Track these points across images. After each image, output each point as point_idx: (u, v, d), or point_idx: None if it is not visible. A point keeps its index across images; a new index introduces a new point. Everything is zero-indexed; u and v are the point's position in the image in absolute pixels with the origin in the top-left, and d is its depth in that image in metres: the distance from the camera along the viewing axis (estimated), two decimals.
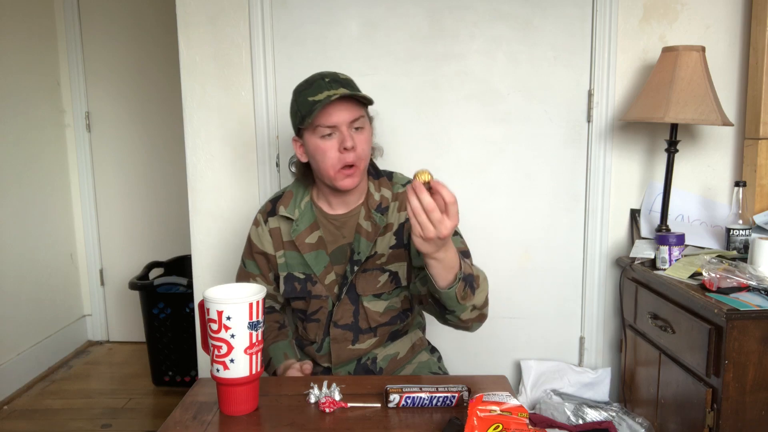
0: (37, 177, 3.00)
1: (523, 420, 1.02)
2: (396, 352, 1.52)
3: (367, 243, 1.43)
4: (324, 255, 1.46)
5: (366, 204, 1.46)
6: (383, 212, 1.45)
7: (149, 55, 3.21)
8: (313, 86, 1.36)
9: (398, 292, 1.46)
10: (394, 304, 1.47)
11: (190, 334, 2.66)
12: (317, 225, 1.47)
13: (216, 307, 1.11)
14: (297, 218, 1.47)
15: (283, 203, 1.49)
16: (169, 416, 1.17)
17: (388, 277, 1.45)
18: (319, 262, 1.46)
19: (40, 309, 2.99)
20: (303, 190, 1.50)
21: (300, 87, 1.41)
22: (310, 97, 1.35)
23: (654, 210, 2.05)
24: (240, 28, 2.03)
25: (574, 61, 2.04)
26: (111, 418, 2.54)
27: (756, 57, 1.93)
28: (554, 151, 2.09)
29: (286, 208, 1.48)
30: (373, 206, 1.45)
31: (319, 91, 1.34)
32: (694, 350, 1.55)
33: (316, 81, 1.37)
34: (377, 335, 1.49)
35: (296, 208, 1.48)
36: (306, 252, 1.46)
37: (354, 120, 1.36)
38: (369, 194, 1.47)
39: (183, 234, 2.50)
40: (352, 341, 1.48)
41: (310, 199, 1.49)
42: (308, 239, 1.46)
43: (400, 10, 2.03)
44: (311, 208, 1.48)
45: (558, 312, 2.16)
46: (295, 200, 1.49)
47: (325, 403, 1.17)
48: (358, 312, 1.46)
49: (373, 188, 1.47)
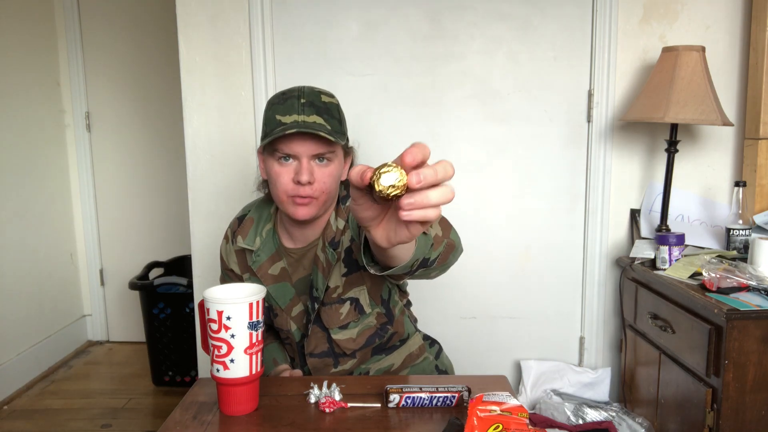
0: (37, 177, 3.00)
1: (523, 420, 1.02)
2: (390, 364, 1.44)
3: (323, 278, 1.30)
4: (289, 287, 1.35)
5: (323, 236, 1.31)
6: (336, 247, 1.29)
7: (149, 55, 3.21)
8: (286, 104, 1.21)
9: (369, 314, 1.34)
10: (367, 324, 1.35)
11: (190, 334, 2.66)
12: (280, 255, 1.35)
13: (216, 307, 1.11)
14: (257, 248, 1.35)
15: (241, 233, 1.36)
16: (169, 416, 1.17)
17: (350, 306, 1.33)
18: (284, 294, 1.35)
19: (40, 309, 2.99)
20: (266, 216, 1.37)
21: (274, 99, 1.26)
22: (278, 116, 1.20)
23: (654, 210, 2.05)
24: (240, 28, 2.03)
25: (574, 61, 2.04)
26: (111, 418, 2.54)
27: (756, 57, 1.93)
28: (554, 151, 2.09)
29: (245, 239, 1.36)
30: (328, 239, 1.29)
31: (289, 113, 1.19)
32: (694, 350, 1.55)
33: (290, 98, 1.22)
34: (357, 357, 1.39)
35: (257, 236, 1.35)
36: (269, 284, 1.34)
37: (318, 154, 1.21)
38: (328, 225, 1.30)
39: (183, 234, 2.51)
40: (334, 365, 1.40)
41: (272, 227, 1.36)
42: (271, 270, 1.35)
43: (400, 11, 2.03)
44: (273, 237, 1.35)
45: (558, 312, 2.16)
46: (257, 228, 1.36)
47: (325, 403, 1.17)
48: (331, 340, 1.36)
49: (332, 218, 1.31)
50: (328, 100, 1.25)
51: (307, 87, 1.25)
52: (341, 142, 1.24)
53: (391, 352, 1.44)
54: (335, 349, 1.37)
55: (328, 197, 1.25)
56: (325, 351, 1.38)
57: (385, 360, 1.44)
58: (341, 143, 1.24)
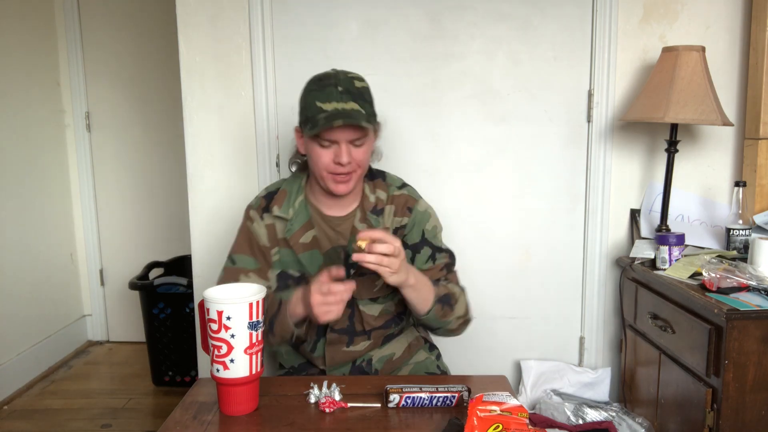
0: (37, 177, 3.00)
1: (523, 420, 1.02)
2: (392, 353, 1.51)
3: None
4: (318, 255, 1.44)
5: (362, 206, 1.45)
6: (378, 214, 1.45)
7: (149, 55, 3.21)
8: (324, 92, 1.32)
9: (393, 296, 1.45)
10: (388, 308, 1.47)
11: (190, 334, 2.66)
12: (311, 224, 1.44)
13: (216, 307, 1.11)
14: (291, 218, 1.44)
15: (276, 203, 1.45)
16: (169, 416, 1.17)
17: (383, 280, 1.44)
18: (313, 262, 1.44)
19: (40, 309, 2.99)
20: (297, 188, 1.47)
21: (312, 85, 1.36)
22: (318, 102, 1.31)
23: (654, 210, 2.05)
24: (240, 28, 2.03)
25: (574, 61, 2.04)
26: (111, 418, 2.54)
27: (756, 57, 1.93)
28: (554, 151, 2.09)
29: (280, 208, 1.44)
30: (368, 208, 1.44)
31: (328, 100, 1.30)
32: (694, 350, 1.55)
33: (328, 86, 1.32)
34: (371, 338, 1.48)
35: (290, 207, 1.45)
36: (300, 252, 1.43)
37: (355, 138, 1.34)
38: (364, 196, 1.46)
39: (183, 234, 2.50)
40: (347, 343, 1.46)
41: (304, 198, 1.46)
42: (302, 239, 1.43)
43: (400, 10, 2.03)
44: (305, 207, 1.45)
45: (558, 312, 2.16)
46: (289, 199, 1.46)
47: (325, 403, 1.17)
48: (354, 315, 1.45)
49: (368, 190, 1.46)
50: (360, 84, 1.36)
51: (341, 72, 1.36)
52: (375, 126, 1.40)
53: (390, 340, 1.52)
54: (355, 326, 1.45)
55: (363, 170, 1.40)
56: (344, 328, 1.45)
57: (387, 347, 1.51)
58: (375, 127, 1.39)
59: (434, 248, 1.47)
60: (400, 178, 1.54)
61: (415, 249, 1.47)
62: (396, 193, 1.48)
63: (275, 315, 1.33)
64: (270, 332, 1.33)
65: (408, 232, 1.47)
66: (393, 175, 1.54)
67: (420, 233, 1.47)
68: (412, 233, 1.47)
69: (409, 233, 1.47)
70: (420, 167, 2.08)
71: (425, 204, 1.51)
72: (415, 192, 1.52)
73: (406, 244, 1.46)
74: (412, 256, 1.47)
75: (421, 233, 1.47)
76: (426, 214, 1.49)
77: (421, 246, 1.47)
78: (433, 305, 1.35)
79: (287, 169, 2.09)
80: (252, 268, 1.44)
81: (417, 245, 1.47)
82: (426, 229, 1.48)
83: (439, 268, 1.46)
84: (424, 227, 1.48)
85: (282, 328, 1.32)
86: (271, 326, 1.33)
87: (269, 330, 1.33)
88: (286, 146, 2.07)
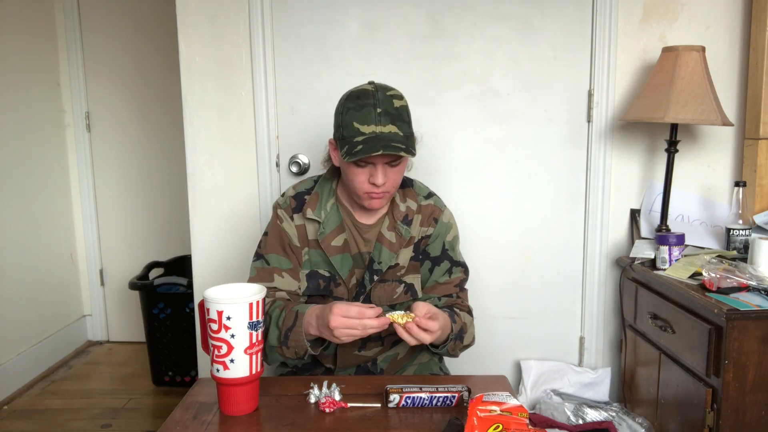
0: (37, 177, 3.00)
1: (523, 420, 1.02)
2: (396, 353, 1.52)
3: (390, 254, 1.44)
4: (349, 258, 1.45)
5: (391, 214, 1.46)
6: (409, 224, 1.46)
7: (149, 55, 3.21)
8: (362, 112, 1.30)
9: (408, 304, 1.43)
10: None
11: (190, 334, 2.66)
12: (343, 227, 1.45)
13: (216, 307, 1.11)
14: (324, 221, 1.44)
15: (309, 205, 1.45)
16: (169, 416, 1.17)
17: (404, 289, 1.47)
18: (344, 265, 1.45)
19: (40, 309, 2.99)
20: (329, 191, 1.47)
21: (350, 102, 1.34)
22: (356, 123, 1.30)
23: (654, 210, 2.05)
24: (240, 28, 2.03)
25: (574, 61, 2.04)
26: (111, 418, 2.54)
27: (756, 57, 1.93)
28: (554, 151, 2.09)
29: (314, 211, 1.44)
30: (399, 217, 1.46)
31: (366, 122, 1.29)
32: (694, 350, 1.55)
33: (366, 106, 1.31)
34: (384, 344, 1.49)
35: (322, 210, 1.45)
36: (332, 255, 1.44)
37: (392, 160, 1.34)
38: (395, 204, 1.47)
39: (183, 234, 2.51)
40: (359, 348, 1.47)
41: (335, 201, 1.47)
42: (334, 242, 1.44)
43: (400, 10, 2.03)
44: (337, 210, 1.46)
45: (558, 312, 2.16)
46: (321, 202, 1.45)
47: (325, 403, 1.17)
48: None
49: (398, 198, 1.48)
50: (399, 104, 1.34)
51: (380, 92, 1.33)
52: (413, 150, 1.33)
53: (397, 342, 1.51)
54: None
55: (396, 188, 1.41)
56: None
57: (392, 348, 1.52)
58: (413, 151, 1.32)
59: (453, 262, 1.50)
60: (426, 187, 1.55)
61: (435, 261, 1.49)
62: (423, 203, 1.49)
63: (291, 327, 1.30)
64: (284, 345, 1.30)
65: (431, 243, 1.50)
66: (420, 183, 1.55)
67: (441, 245, 1.50)
68: (434, 244, 1.49)
69: (432, 244, 1.50)
70: (420, 167, 2.08)
71: (449, 214, 1.53)
72: (440, 201, 1.53)
73: (428, 254, 1.49)
74: (431, 267, 1.50)
75: (442, 245, 1.50)
76: (449, 225, 1.51)
77: (441, 259, 1.49)
78: (447, 343, 1.38)
79: (287, 169, 2.09)
80: (286, 268, 1.44)
81: (438, 258, 1.49)
82: (447, 240, 1.50)
83: (454, 283, 1.49)
84: (446, 239, 1.50)
85: (297, 342, 1.29)
86: (286, 339, 1.30)
87: (284, 342, 1.30)
88: (286, 146, 2.08)
